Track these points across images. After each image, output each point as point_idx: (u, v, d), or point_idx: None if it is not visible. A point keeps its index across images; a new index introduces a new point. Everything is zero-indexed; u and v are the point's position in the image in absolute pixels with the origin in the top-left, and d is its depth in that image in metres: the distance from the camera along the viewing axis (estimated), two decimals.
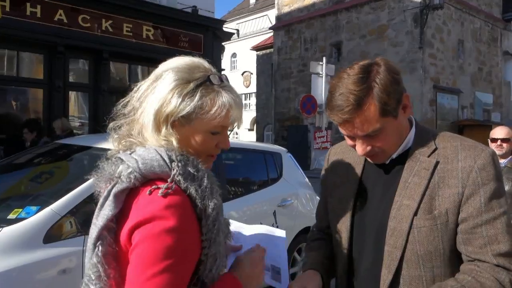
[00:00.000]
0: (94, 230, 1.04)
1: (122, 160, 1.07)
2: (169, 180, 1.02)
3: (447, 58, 17.59)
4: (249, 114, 32.37)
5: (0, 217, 2.63)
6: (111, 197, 1.04)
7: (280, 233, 1.42)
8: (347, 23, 18.60)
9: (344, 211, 1.37)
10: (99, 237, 1.02)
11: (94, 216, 1.07)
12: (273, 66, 22.76)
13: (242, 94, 33.64)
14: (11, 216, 2.58)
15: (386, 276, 1.23)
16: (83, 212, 2.78)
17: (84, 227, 2.73)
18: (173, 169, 1.03)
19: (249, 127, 32.45)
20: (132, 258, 0.98)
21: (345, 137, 1.28)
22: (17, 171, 3.69)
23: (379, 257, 1.26)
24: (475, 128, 17.85)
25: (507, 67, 21.31)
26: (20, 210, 2.61)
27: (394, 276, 1.22)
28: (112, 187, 1.05)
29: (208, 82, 1.11)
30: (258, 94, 26.55)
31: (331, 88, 1.22)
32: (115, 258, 1.02)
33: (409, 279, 1.22)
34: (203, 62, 1.16)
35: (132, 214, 1.01)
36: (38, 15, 8.42)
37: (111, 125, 1.15)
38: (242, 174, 4.45)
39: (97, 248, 1.01)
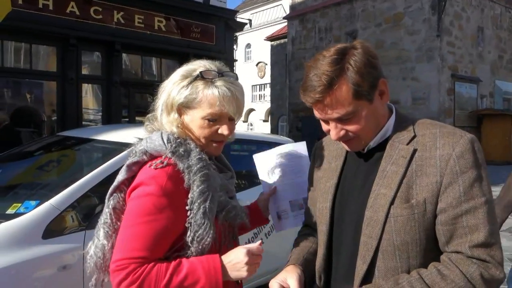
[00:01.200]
0: (109, 189, 1.39)
1: (141, 140, 1.42)
2: (163, 157, 1.32)
3: (466, 46, 17.14)
4: (263, 105, 32.23)
5: None
6: (124, 167, 1.37)
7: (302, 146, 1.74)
8: (363, 11, 18.25)
9: (325, 205, 1.34)
10: (112, 194, 1.37)
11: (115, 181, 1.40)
12: (287, 56, 22.53)
13: (257, 85, 33.51)
14: (10, 211, 2.55)
15: (360, 267, 1.19)
16: (83, 207, 2.74)
17: (84, 221, 2.69)
18: (167, 149, 1.32)
19: (264, 118, 32.34)
20: (126, 210, 1.32)
21: (321, 122, 1.26)
22: (15, 164, 3.66)
23: (356, 249, 1.21)
24: (495, 118, 17.44)
25: None
26: (19, 204, 2.58)
27: (369, 267, 1.17)
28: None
29: (200, 77, 1.34)
30: (272, 85, 26.38)
31: (306, 70, 1.20)
32: (123, 211, 1.34)
33: (384, 270, 1.16)
34: (209, 63, 1.39)
35: (135, 180, 1.34)
36: (50, 7, 8.43)
37: (147, 116, 1.48)
38: (246, 166, 4.33)
39: (109, 202, 1.36)
